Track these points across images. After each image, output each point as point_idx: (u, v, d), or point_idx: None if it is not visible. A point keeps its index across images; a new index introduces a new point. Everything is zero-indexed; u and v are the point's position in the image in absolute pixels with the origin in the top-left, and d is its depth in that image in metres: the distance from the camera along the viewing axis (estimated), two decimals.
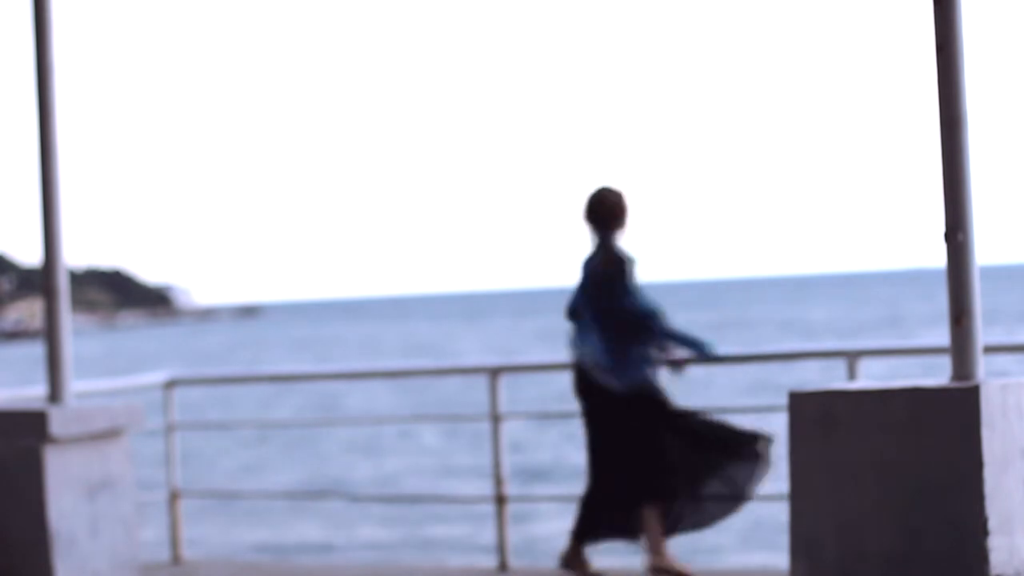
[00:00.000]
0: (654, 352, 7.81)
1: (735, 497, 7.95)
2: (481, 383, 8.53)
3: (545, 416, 11.38)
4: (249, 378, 12.33)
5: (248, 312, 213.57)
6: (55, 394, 7.43)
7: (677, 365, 7.89)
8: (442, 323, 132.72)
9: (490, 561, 8.50)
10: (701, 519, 8.01)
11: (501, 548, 8.29)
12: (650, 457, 7.78)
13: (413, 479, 32.29)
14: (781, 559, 6.70)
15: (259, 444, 40.95)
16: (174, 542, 9.15)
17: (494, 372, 8.34)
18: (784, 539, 6.08)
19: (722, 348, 8.07)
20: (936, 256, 5.98)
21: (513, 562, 8.32)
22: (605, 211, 7.91)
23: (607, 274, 7.81)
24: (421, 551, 23.33)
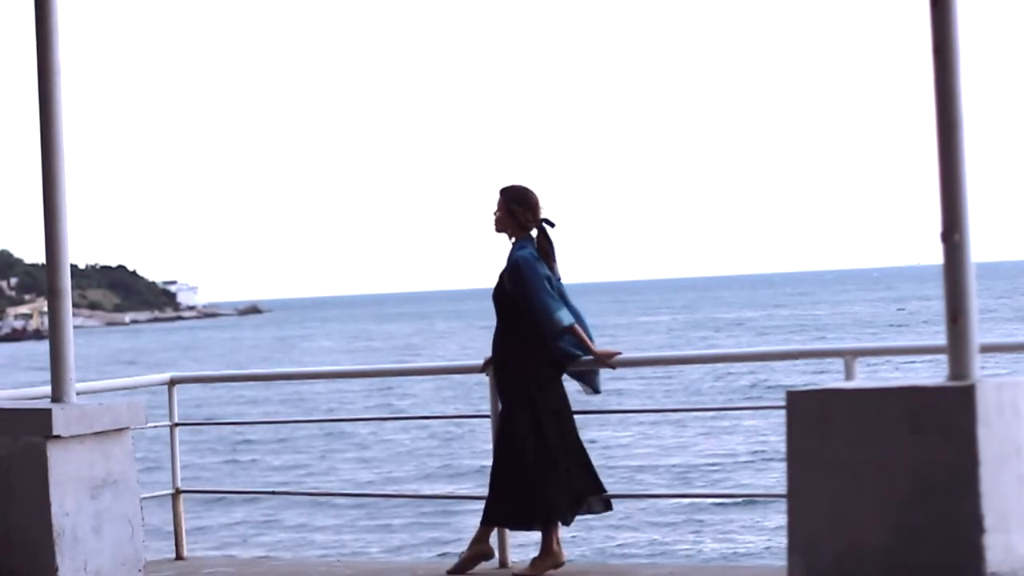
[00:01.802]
0: None
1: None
2: (480, 381, 8.56)
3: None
4: (249, 377, 12.33)
5: (251, 310, 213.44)
6: (59, 393, 7.46)
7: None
8: (446, 321, 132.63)
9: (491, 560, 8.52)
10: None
11: (501, 547, 8.32)
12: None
13: (413, 478, 32.30)
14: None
15: (260, 443, 40.96)
16: (176, 539, 9.19)
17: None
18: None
19: (720, 347, 8.10)
20: (932, 255, 6.01)
21: (513, 560, 8.35)
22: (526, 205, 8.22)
23: None
24: (421, 550, 23.36)
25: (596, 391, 8.17)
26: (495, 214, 8.14)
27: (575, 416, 8.09)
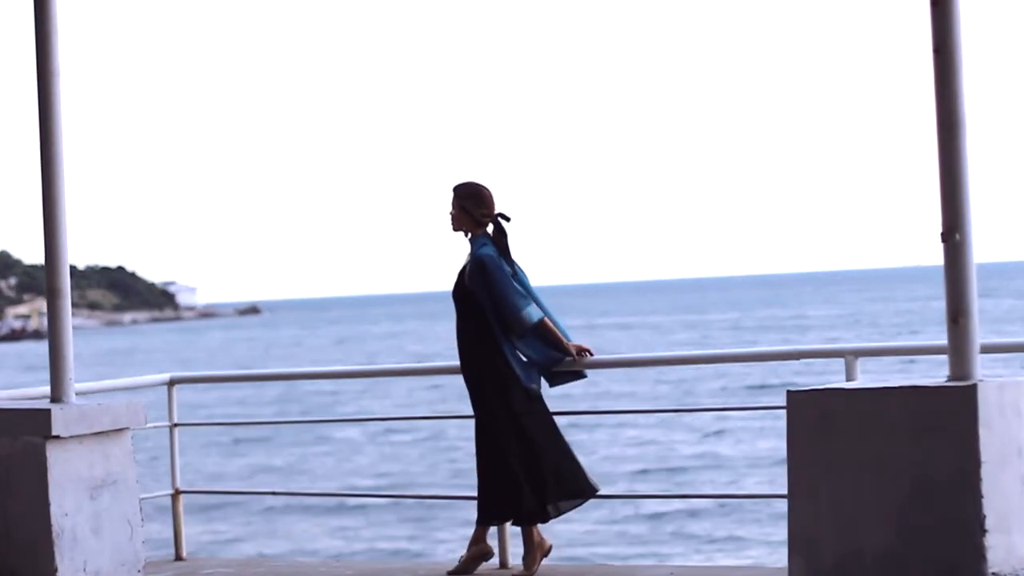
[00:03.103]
0: None
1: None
2: None
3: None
4: (249, 377, 12.30)
5: (250, 311, 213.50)
6: (58, 393, 7.45)
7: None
8: (445, 321, 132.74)
9: (491, 559, 8.51)
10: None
11: (501, 547, 8.31)
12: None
13: (414, 478, 32.30)
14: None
15: (260, 443, 40.95)
16: (176, 539, 9.17)
17: None
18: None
19: (718, 346, 8.07)
20: (934, 255, 6.00)
21: (513, 561, 8.33)
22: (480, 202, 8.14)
23: None
24: (422, 550, 23.35)
25: (582, 376, 8.13)
26: (450, 213, 8.14)
27: (569, 415, 8.09)
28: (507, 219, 8.11)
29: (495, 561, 8.30)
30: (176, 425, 9.22)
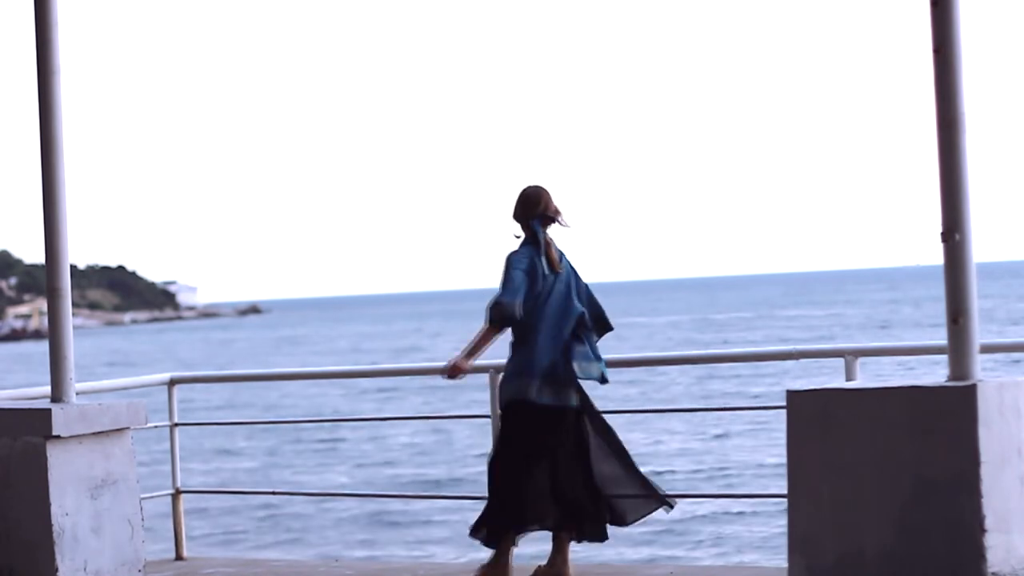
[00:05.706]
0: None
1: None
2: (482, 381, 8.54)
3: None
4: (249, 377, 12.31)
5: (251, 310, 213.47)
6: (58, 393, 7.46)
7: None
8: (446, 321, 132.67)
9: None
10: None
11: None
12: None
13: (413, 478, 32.29)
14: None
15: (260, 443, 40.95)
16: (176, 539, 9.18)
17: (496, 370, 8.33)
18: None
19: (717, 347, 8.06)
20: (933, 255, 6.01)
21: (513, 561, 8.31)
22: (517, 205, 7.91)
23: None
24: (422, 549, 23.35)
25: None
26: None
27: None
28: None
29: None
30: (176, 425, 9.22)
